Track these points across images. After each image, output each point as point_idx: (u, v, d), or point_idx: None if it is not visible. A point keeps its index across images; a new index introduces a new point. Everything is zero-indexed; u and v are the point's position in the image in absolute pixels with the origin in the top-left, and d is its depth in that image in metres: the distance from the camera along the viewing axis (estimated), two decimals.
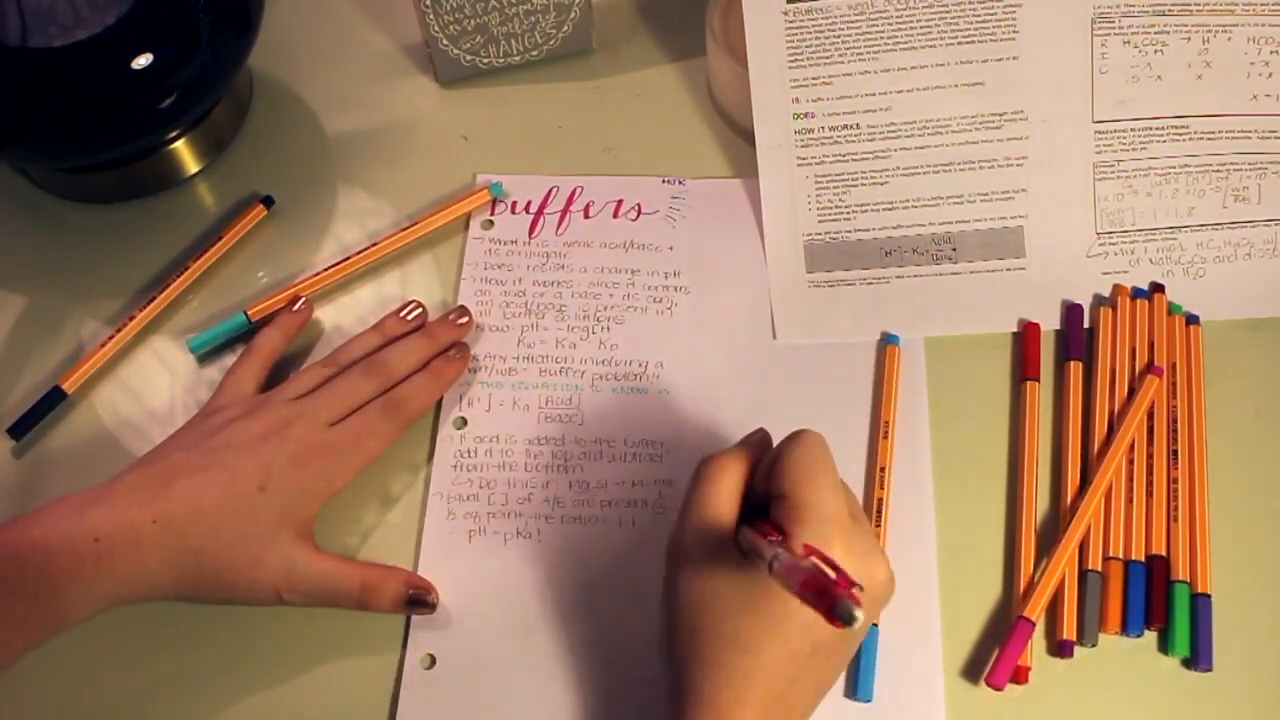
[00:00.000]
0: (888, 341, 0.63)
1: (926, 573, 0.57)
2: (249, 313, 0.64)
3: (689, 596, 0.47)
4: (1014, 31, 0.63)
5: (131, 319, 0.65)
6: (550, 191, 0.69)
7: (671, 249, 0.66)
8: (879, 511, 0.58)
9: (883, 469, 0.59)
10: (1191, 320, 0.63)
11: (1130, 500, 0.58)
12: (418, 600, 0.55)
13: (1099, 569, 0.56)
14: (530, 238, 0.67)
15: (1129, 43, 0.63)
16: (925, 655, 0.55)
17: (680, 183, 0.69)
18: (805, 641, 0.45)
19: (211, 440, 0.55)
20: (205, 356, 0.64)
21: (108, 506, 0.51)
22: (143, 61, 0.62)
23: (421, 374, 0.60)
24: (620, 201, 0.68)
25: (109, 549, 0.50)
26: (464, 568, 0.57)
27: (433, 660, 0.55)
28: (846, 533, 0.46)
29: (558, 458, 0.60)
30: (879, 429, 0.60)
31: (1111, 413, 0.60)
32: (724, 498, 0.49)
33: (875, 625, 0.55)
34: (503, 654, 0.55)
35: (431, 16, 0.69)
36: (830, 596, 0.38)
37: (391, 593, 0.55)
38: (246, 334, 0.64)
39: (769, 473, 0.49)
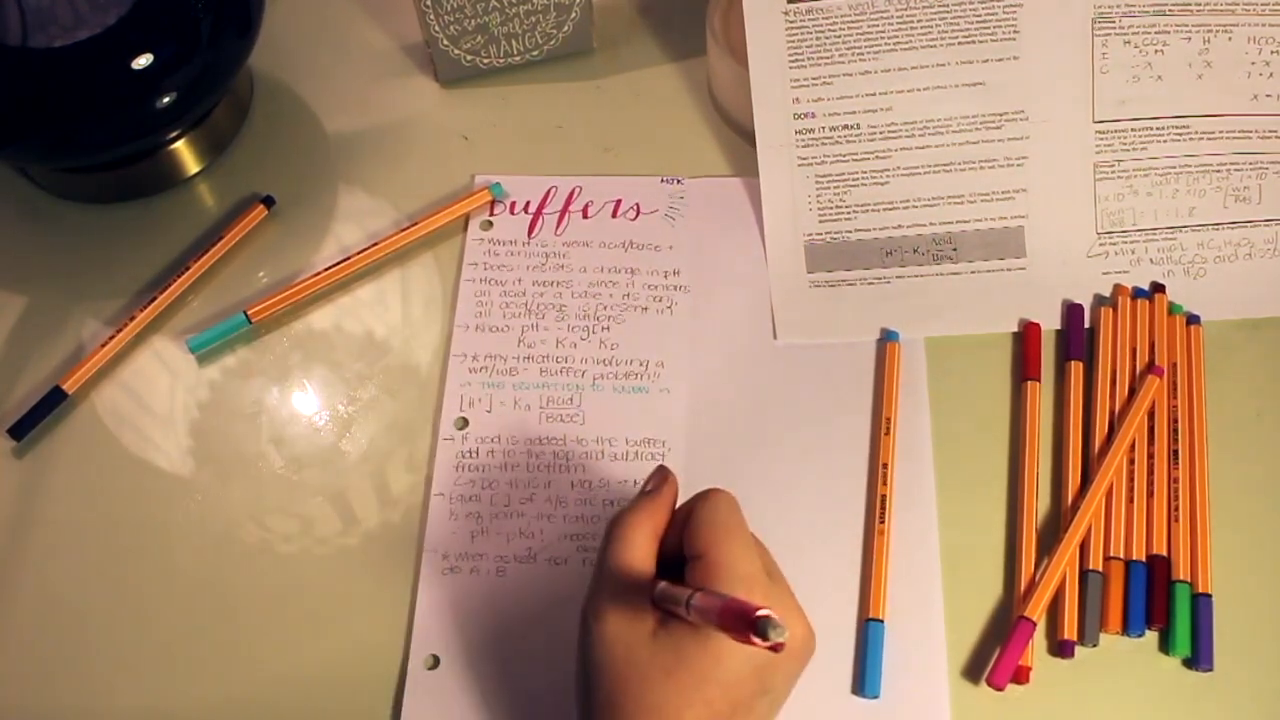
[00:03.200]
0: (887, 338, 0.63)
1: (929, 572, 0.57)
2: (248, 312, 0.64)
3: (607, 662, 0.45)
4: (1014, 31, 0.63)
5: (132, 319, 0.64)
6: (549, 191, 0.69)
7: (671, 248, 0.66)
8: (882, 509, 0.58)
9: (885, 465, 0.59)
10: (1192, 320, 0.63)
11: (1131, 500, 0.58)
12: None
13: (1100, 569, 0.56)
14: (529, 238, 0.67)
15: (1129, 43, 0.63)
16: (929, 653, 0.55)
17: (679, 182, 0.69)
18: (725, 703, 0.44)
19: None
20: (205, 357, 0.64)
21: None
22: (143, 61, 0.62)
23: None
24: (619, 201, 0.68)
25: None
26: (466, 569, 0.57)
27: (436, 661, 0.55)
28: (765, 590, 0.45)
29: (559, 457, 0.60)
30: (880, 426, 0.60)
31: (1112, 413, 0.60)
32: (639, 557, 0.47)
33: (881, 622, 0.55)
34: (506, 654, 0.55)
35: (432, 16, 0.69)
36: (750, 617, 0.38)
37: None
38: (245, 334, 0.64)
39: (680, 532, 0.47)
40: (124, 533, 0.59)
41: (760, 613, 0.38)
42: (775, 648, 0.38)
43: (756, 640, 0.38)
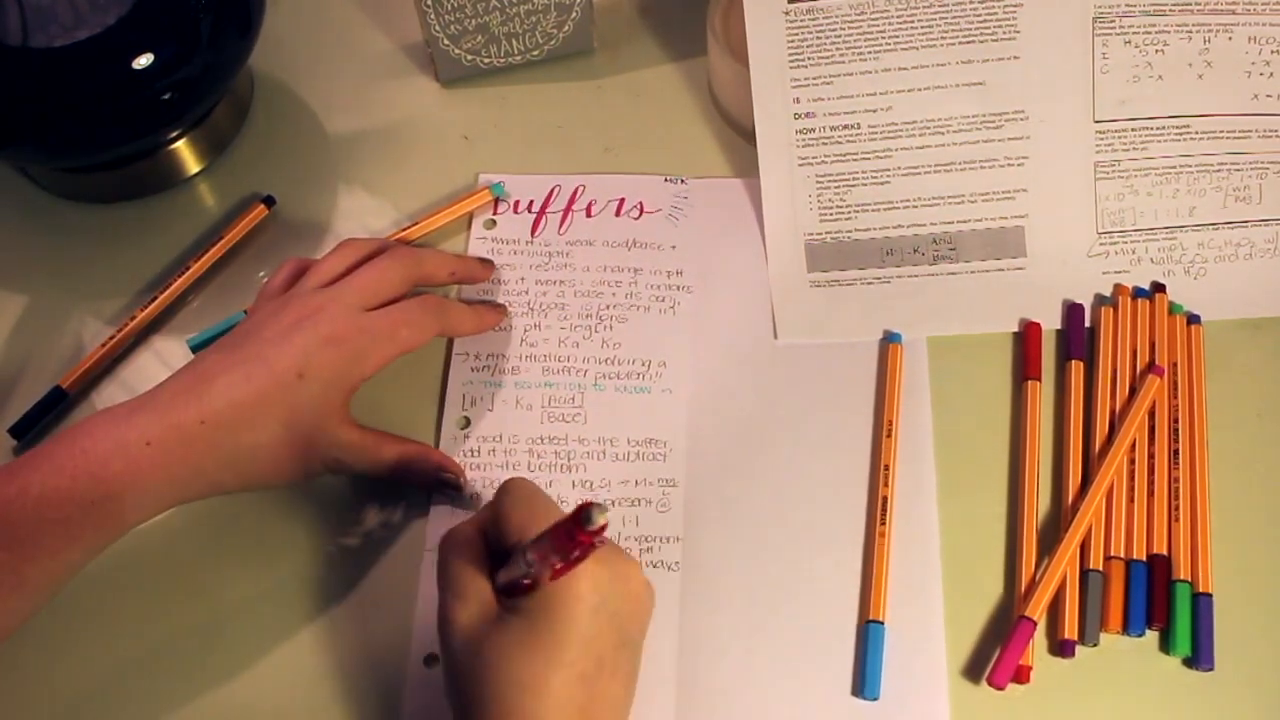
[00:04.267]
0: (890, 340, 0.63)
1: (930, 572, 0.57)
2: (249, 311, 0.64)
3: (466, 661, 0.45)
4: (1014, 31, 0.63)
5: (132, 319, 0.64)
6: (552, 191, 0.69)
7: (674, 248, 0.66)
8: (884, 510, 0.58)
9: (886, 467, 0.59)
10: (1192, 320, 0.63)
11: (1131, 500, 0.58)
12: (445, 483, 0.57)
13: (1100, 568, 0.56)
14: (533, 237, 0.67)
15: (1129, 42, 0.63)
16: (929, 654, 0.55)
17: (682, 182, 0.69)
18: (588, 662, 0.44)
19: (245, 339, 0.55)
20: None
21: (153, 412, 0.52)
22: (143, 61, 0.62)
23: (465, 305, 0.62)
24: (622, 200, 0.68)
25: (162, 452, 0.51)
26: None
27: (436, 659, 0.55)
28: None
29: (561, 457, 0.60)
30: (882, 428, 0.60)
31: (1112, 412, 0.60)
32: (467, 559, 0.47)
33: (881, 624, 0.55)
34: None
35: (432, 16, 0.69)
36: (574, 519, 0.40)
37: (423, 472, 0.58)
38: None
39: (496, 532, 0.47)
40: None
41: (581, 503, 0.39)
42: (600, 531, 0.39)
43: (587, 536, 0.40)
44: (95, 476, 0.50)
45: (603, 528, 0.40)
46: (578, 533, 0.40)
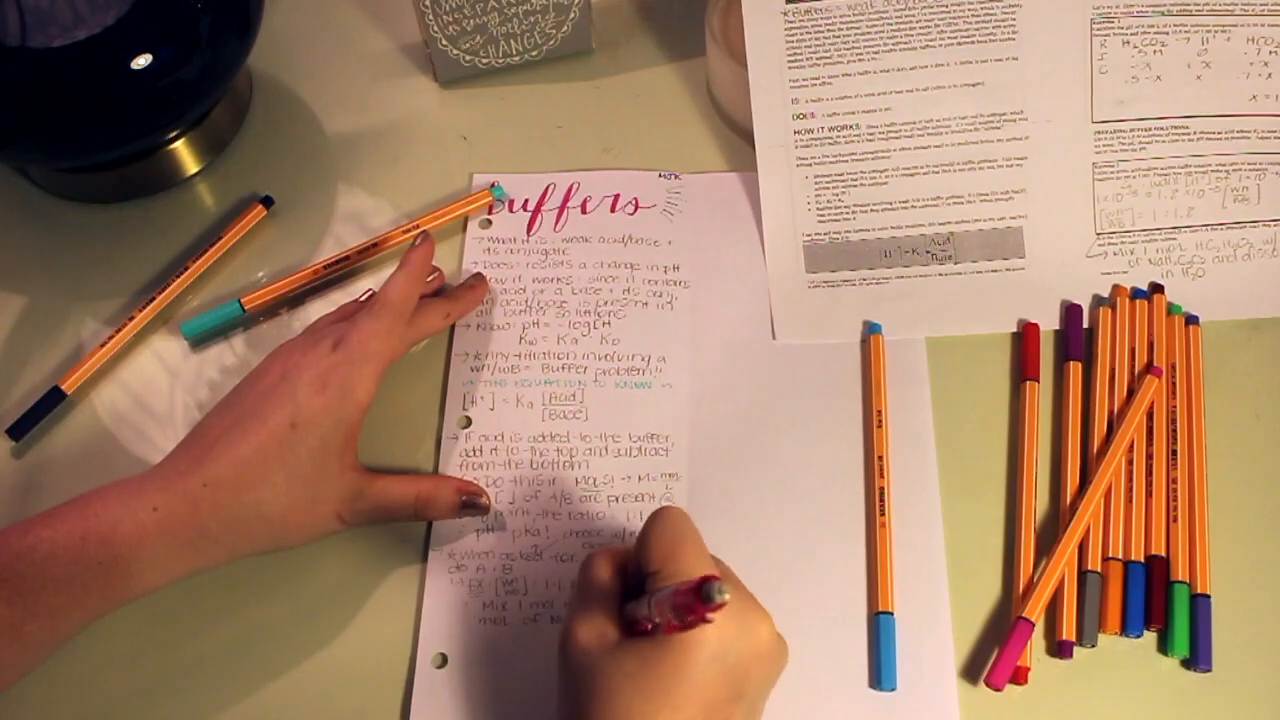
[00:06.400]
0: (871, 331, 0.63)
1: (935, 565, 0.57)
2: (242, 300, 0.65)
3: (577, 676, 0.46)
4: (1014, 32, 0.63)
5: (131, 319, 0.64)
6: (547, 189, 0.69)
7: (670, 243, 0.67)
8: (881, 501, 0.58)
9: (880, 458, 0.59)
10: (1191, 320, 0.63)
11: (1130, 500, 0.58)
12: (470, 504, 0.57)
13: (1098, 569, 0.56)
14: (529, 235, 0.67)
15: (1129, 43, 0.63)
16: (937, 644, 0.55)
17: (676, 177, 0.69)
18: (695, 706, 0.44)
19: (238, 398, 0.56)
20: (204, 355, 0.64)
21: (160, 479, 0.53)
22: (143, 61, 0.62)
23: (430, 303, 0.62)
24: (617, 196, 0.68)
25: (167, 515, 0.52)
26: (472, 566, 0.57)
27: (445, 659, 0.55)
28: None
29: (563, 454, 0.60)
30: (872, 419, 0.60)
31: (1111, 413, 0.60)
32: (601, 579, 0.48)
33: (891, 614, 0.55)
34: (514, 652, 0.55)
35: (431, 17, 0.69)
36: (694, 589, 0.40)
37: (445, 502, 0.56)
38: (245, 334, 0.65)
39: (638, 555, 0.48)
40: None
41: (705, 575, 0.40)
42: (718, 608, 0.39)
43: (705, 610, 0.40)
44: (104, 539, 0.51)
45: (720, 605, 0.39)
46: (696, 603, 0.40)
